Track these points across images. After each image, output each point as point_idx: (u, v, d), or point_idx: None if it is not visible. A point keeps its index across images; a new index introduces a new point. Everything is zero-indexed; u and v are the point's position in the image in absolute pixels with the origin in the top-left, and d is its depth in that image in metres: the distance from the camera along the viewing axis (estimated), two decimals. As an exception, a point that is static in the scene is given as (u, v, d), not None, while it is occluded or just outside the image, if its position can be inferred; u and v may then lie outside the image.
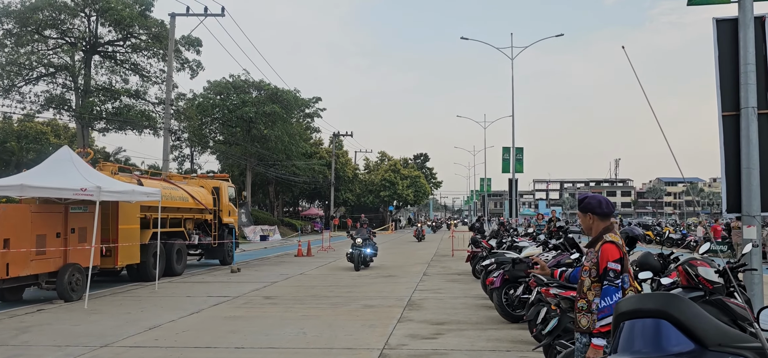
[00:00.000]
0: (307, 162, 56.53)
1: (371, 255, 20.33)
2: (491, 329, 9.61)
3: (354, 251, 19.44)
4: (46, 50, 33.90)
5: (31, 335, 9.31)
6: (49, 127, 44.97)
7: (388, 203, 74.65)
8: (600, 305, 3.86)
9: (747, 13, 7.15)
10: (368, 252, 19.99)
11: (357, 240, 19.74)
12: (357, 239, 19.81)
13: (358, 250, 19.47)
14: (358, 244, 19.62)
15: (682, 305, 2.15)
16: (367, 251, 19.84)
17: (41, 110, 34.71)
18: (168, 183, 19.05)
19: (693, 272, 5.84)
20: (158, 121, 34.97)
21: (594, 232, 4.23)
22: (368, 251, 19.98)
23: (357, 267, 19.20)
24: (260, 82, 48.76)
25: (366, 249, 19.81)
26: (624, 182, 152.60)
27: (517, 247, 12.97)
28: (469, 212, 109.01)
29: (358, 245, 19.60)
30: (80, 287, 13.12)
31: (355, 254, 19.36)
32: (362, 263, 19.57)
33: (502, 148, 37.80)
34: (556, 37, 35.18)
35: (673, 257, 7.49)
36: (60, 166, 13.15)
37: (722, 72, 7.36)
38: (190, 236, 19.64)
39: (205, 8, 27.80)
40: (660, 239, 35.34)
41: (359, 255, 19.38)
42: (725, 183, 7.37)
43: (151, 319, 10.64)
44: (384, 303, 12.41)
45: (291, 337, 9.09)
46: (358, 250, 19.47)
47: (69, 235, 13.44)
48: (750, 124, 7.03)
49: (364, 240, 19.81)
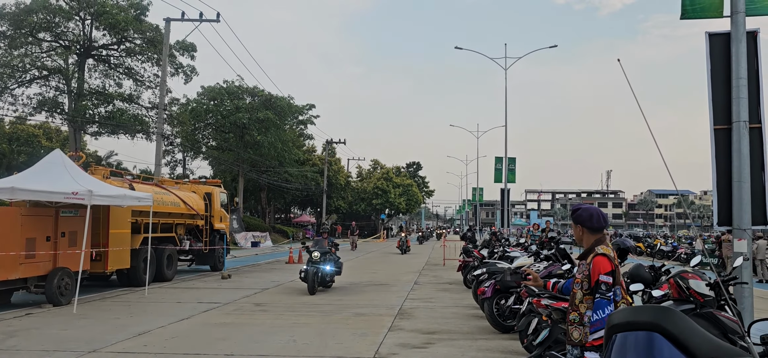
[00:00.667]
0: (300, 169, 56.47)
1: (331, 274, 16.15)
2: (482, 339, 9.59)
3: (309, 269, 15.27)
4: (40, 53, 33.80)
5: (18, 340, 9.22)
6: (42, 130, 44.69)
7: (381, 211, 74.65)
8: (592, 318, 3.86)
9: (739, 28, 7.21)
10: (328, 270, 15.81)
11: (314, 254, 15.52)
12: (314, 252, 15.57)
13: (314, 267, 15.35)
14: (315, 259, 15.45)
15: (675, 318, 2.15)
16: (325, 269, 15.70)
17: (34, 113, 34.56)
18: (160, 188, 18.97)
19: (684, 284, 5.86)
20: (151, 126, 34.89)
21: (585, 244, 4.23)
22: (328, 268, 15.79)
23: (312, 289, 15.02)
24: (254, 88, 48.74)
25: (325, 266, 15.68)
26: (615, 194, 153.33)
27: (508, 257, 12.98)
28: (461, 222, 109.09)
29: (314, 260, 15.43)
30: (69, 292, 13.01)
31: (310, 272, 15.19)
32: (320, 283, 15.67)
33: (495, 158, 37.92)
34: (549, 49, 35.66)
35: (664, 270, 7.51)
36: (51, 169, 13.08)
37: (714, 86, 7.42)
38: (181, 241, 19.54)
39: (201, 14, 27.84)
40: (651, 251, 35.48)
41: (315, 274, 15.30)
42: (716, 196, 7.42)
43: (140, 325, 10.57)
44: (375, 312, 12.38)
45: (281, 345, 9.04)
46: (314, 267, 15.35)
47: (59, 239, 13.34)
48: (741, 138, 7.08)
49: (323, 254, 15.75)
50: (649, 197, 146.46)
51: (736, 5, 7.26)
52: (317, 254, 15.56)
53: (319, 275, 15.41)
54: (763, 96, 7.30)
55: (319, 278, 15.40)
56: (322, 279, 15.62)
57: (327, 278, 15.90)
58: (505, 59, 35.69)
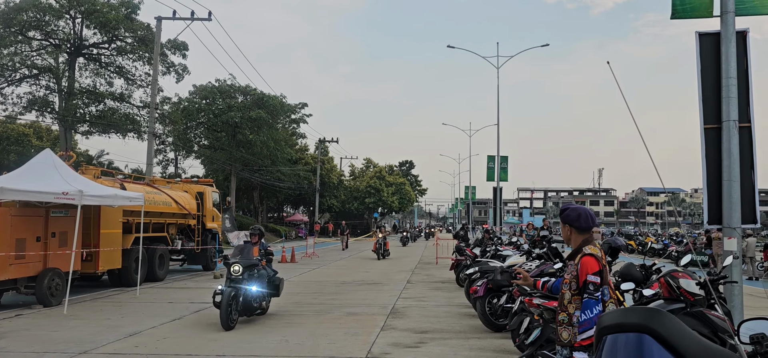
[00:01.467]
0: (293, 168, 56.36)
1: (260, 297, 11.15)
2: (474, 338, 9.61)
3: (224, 291, 10.20)
4: (30, 51, 33.57)
5: (8, 341, 9.17)
6: (32, 130, 44.40)
7: (373, 209, 74.63)
8: (580, 318, 3.87)
9: (729, 28, 7.25)
10: (254, 292, 10.83)
11: (233, 268, 10.55)
12: (233, 265, 10.61)
13: (232, 287, 10.35)
14: (234, 275, 10.48)
15: (665, 319, 2.15)
16: (251, 291, 10.74)
17: (24, 112, 34.37)
18: (151, 187, 18.89)
19: (674, 283, 5.89)
20: (143, 125, 34.72)
21: (573, 244, 4.25)
22: (254, 289, 10.83)
23: (226, 321, 10.00)
24: (246, 87, 48.60)
25: (250, 285, 10.73)
26: (607, 192, 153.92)
27: (500, 256, 13.01)
28: (454, 220, 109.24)
29: (234, 277, 10.47)
30: (60, 292, 12.94)
31: (226, 295, 10.10)
32: (243, 310, 10.63)
33: (487, 156, 38.00)
34: (541, 47, 35.63)
35: (655, 268, 7.55)
36: (41, 169, 12.99)
37: (704, 85, 7.47)
38: (173, 241, 19.47)
39: (192, 12, 27.76)
40: (642, 250, 35.64)
41: (233, 298, 10.25)
42: (707, 195, 7.46)
43: (131, 325, 10.52)
44: (367, 311, 12.38)
45: (273, 345, 9.03)
46: (232, 287, 10.35)
47: (49, 239, 13.26)
48: (731, 138, 7.12)
49: (247, 268, 10.71)
50: (641, 195, 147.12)
51: (725, 5, 7.30)
52: (237, 267, 10.54)
53: (239, 300, 10.44)
54: (753, 96, 7.35)
55: (239, 305, 10.43)
56: (245, 305, 10.65)
57: (253, 302, 10.91)
58: (498, 58, 35.79)
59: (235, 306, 10.36)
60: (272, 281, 11.67)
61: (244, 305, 10.65)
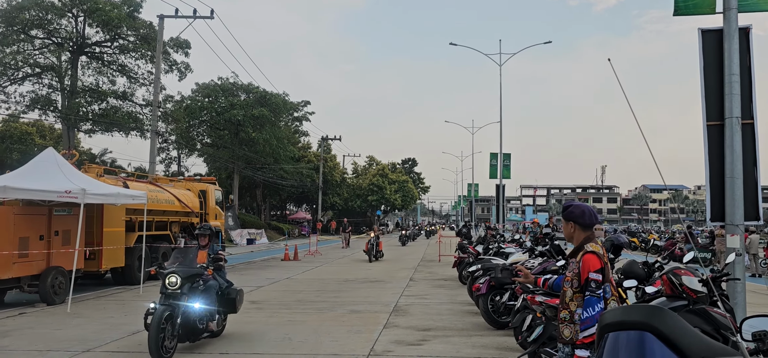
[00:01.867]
0: (295, 166, 56.39)
1: (209, 316, 8.73)
2: (477, 336, 9.61)
3: (157, 309, 7.88)
4: (33, 50, 33.60)
5: (11, 339, 9.19)
6: (35, 128, 44.49)
7: (376, 207, 74.64)
8: (582, 316, 3.87)
9: (732, 24, 7.23)
10: (196, 310, 8.38)
11: (168, 279, 8.15)
12: (169, 276, 8.17)
13: (168, 306, 8.02)
14: (169, 289, 8.11)
15: (667, 317, 2.15)
16: (192, 309, 8.32)
17: (26, 111, 34.38)
18: (154, 186, 18.92)
19: (677, 281, 5.88)
20: (145, 123, 34.75)
21: (575, 241, 4.24)
22: (197, 306, 8.39)
23: (157, 351, 7.54)
24: (249, 85, 48.65)
25: (191, 302, 8.32)
26: (610, 189, 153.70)
27: (503, 253, 13.01)
28: (457, 217, 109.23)
29: (170, 290, 8.12)
30: (63, 291, 12.97)
31: (158, 315, 7.74)
32: (187, 335, 8.34)
33: (490, 154, 37.94)
34: (544, 45, 35.48)
35: (657, 265, 7.53)
36: (44, 167, 13.02)
37: (707, 82, 7.44)
38: (176, 239, 19.49)
39: (194, 10, 27.75)
40: (645, 247, 35.57)
41: (167, 319, 7.88)
42: (709, 192, 7.44)
43: (134, 323, 10.52)
44: (370, 309, 12.38)
45: (276, 342, 9.04)
46: (168, 306, 8.02)
47: (52, 237, 13.29)
48: (734, 134, 7.10)
49: (186, 279, 8.31)
50: (644, 192, 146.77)
51: (728, 2, 7.27)
52: (174, 278, 8.16)
53: (176, 321, 8.04)
54: (755, 92, 7.32)
55: (176, 327, 8.03)
56: (187, 327, 8.28)
57: (198, 323, 8.49)
58: (500, 55, 35.67)
59: (170, 330, 7.91)
60: (225, 294, 9.26)
61: (185, 327, 8.22)
